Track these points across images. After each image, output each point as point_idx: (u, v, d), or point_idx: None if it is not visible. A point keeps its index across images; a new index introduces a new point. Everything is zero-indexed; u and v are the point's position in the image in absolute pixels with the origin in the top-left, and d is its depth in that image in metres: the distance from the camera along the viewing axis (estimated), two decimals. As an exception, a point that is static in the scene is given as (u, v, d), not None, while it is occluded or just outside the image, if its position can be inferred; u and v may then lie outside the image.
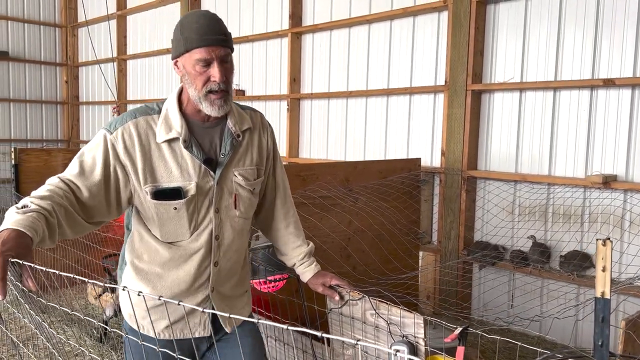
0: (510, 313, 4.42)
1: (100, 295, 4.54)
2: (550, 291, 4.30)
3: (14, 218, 1.32)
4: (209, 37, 1.59)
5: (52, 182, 1.54)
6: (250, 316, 1.98)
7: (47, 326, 1.95)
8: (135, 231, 1.74)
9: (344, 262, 3.99)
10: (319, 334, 0.90)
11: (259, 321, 1.00)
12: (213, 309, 1.76)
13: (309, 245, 2.01)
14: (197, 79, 1.62)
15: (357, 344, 0.87)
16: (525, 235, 4.41)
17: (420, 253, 4.93)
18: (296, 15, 6.22)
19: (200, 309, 1.11)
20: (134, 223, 1.74)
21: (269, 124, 1.92)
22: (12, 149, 5.32)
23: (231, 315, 1.02)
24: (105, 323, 3.96)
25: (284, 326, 0.95)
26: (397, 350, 0.79)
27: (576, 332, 4.18)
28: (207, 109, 1.65)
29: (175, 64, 1.68)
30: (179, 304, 1.09)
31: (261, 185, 1.89)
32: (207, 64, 1.61)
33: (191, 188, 1.66)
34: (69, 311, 1.30)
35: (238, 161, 1.76)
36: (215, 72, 1.61)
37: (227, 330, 1.81)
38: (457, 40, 4.68)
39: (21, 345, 3.30)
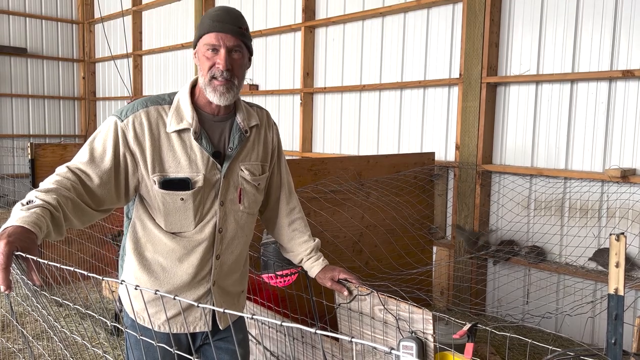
0: (525, 309, 4.35)
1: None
2: (567, 287, 4.23)
3: (18, 215, 1.31)
4: (219, 24, 1.63)
5: (60, 172, 1.53)
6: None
7: (52, 319, 1.96)
8: (137, 219, 1.73)
9: (356, 257, 3.96)
10: (312, 330, 0.87)
11: (254, 316, 0.98)
12: (213, 304, 1.76)
13: (315, 240, 2.01)
14: (205, 64, 1.66)
15: (351, 340, 0.85)
16: (541, 230, 4.34)
17: (434, 248, 4.88)
18: (309, 8, 6.18)
19: (196, 304, 1.09)
20: (135, 212, 1.74)
21: (274, 123, 1.95)
22: (29, 144, 5.38)
23: (226, 311, 1.00)
24: (120, 312, 3.99)
25: (278, 322, 0.93)
26: (392, 348, 0.76)
27: (592, 329, 4.10)
28: (210, 95, 1.67)
29: (195, 54, 1.72)
30: (174, 298, 1.08)
31: (266, 182, 1.89)
32: (215, 50, 1.64)
33: (199, 180, 1.67)
34: (70, 304, 1.29)
35: (245, 156, 1.78)
36: (220, 58, 1.63)
37: (221, 327, 1.83)
38: (472, 32, 4.60)
39: (31, 338, 3.35)
